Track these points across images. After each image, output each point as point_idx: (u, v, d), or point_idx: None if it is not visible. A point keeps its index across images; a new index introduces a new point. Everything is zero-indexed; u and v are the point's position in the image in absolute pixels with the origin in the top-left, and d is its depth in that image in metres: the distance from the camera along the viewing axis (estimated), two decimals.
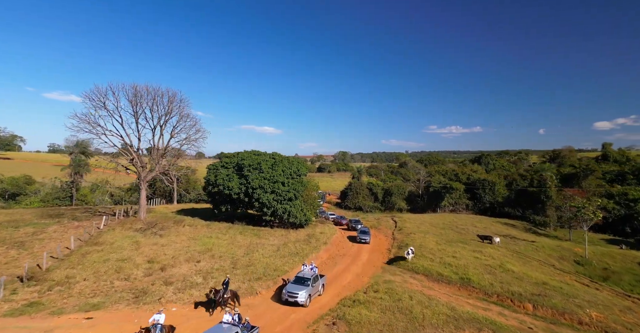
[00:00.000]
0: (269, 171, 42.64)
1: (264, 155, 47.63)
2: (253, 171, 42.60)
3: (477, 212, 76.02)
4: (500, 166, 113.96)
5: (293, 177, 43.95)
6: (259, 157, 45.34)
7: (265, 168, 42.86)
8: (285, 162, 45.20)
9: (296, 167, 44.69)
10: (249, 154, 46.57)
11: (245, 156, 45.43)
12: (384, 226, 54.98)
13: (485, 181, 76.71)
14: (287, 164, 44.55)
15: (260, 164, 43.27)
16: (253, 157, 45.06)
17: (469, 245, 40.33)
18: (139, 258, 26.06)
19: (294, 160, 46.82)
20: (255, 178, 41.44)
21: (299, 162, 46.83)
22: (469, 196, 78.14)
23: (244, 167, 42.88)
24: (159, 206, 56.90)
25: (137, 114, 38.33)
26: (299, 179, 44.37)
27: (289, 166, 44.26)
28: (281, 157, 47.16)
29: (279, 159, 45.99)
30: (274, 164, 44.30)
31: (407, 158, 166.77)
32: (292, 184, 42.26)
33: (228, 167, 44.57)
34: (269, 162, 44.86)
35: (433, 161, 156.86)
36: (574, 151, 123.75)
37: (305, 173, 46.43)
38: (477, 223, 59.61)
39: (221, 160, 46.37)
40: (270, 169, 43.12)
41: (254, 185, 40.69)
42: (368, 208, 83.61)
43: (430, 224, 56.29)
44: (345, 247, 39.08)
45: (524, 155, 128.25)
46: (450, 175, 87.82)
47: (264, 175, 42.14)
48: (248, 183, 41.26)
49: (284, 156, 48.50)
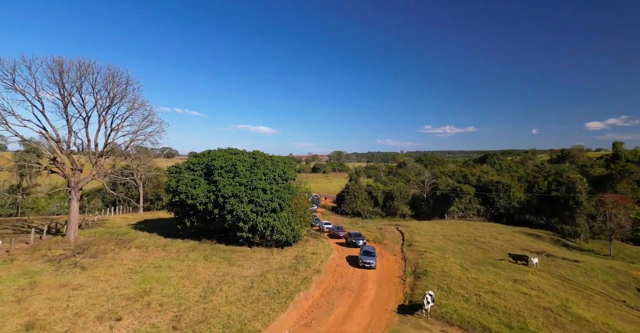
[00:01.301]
0: (246, 174, 32.93)
1: (242, 154, 37.86)
2: (226, 175, 32.86)
3: (489, 218, 67.00)
4: (507, 166, 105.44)
5: (278, 182, 34.32)
6: (234, 157, 35.57)
7: (241, 170, 33.16)
8: (268, 162, 35.48)
9: (282, 169, 35.03)
10: (223, 153, 36.77)
11: (218, 155, 35.64)
12: (389, 239, 45.57)
13: (499, 184, 67.71)
14: (271, 166, 34.85)
15: (235, 165, 33.54)
16: (227, 157, 35.29)
17: (502, 270, 31.05)
18: (13, 320, 15.99)
19: (279, 160, 37.11)
20: (227, 184, 31.73)
21: (285, 162, 37.15)
22: (480, 200, 69.12)
23: (214, 169, 33.13)
24: (117, 216, 46.71)
25: (64, 98, 28.26)
26: (286, 184, 34.73)
27: (272, 168, 34.57)
28: (263, 157, 37.44)
29: (260, 159, 36.28)
30: (254, 166, 34.59)
31: (406, 158, 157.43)
32: (276, 191, 32.63)
33: (195, 169, 34.77)
34: (247, 162, 35.15)
35: (433, 161, 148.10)
36: (584, 150, 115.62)
37: (294, 177, 36.81)
38: (497, 234, 50.49)
39: (188, 160, 36.49)
40: (248, 172, 33.41)
41: (226, 193, 30.99)
42: (367, 214, 74.24)
43: (443, 236, 47.03)
44: (344, 274, 29.53)
45: (531, 155, 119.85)
46: (458, 176, 78.76)
47: (240, 179, 32.45)
48: (218, 191, 31.55)
49: (267, 155, 38.80)
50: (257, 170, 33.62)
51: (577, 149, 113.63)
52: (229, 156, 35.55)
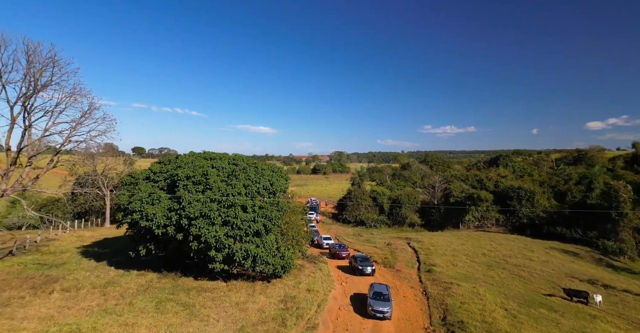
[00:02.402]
0: (221, 187, 24.87)
1: (219, 159, 29.74)
2: (193, 188, 24.80)
3: (511, 229, 58.79)
4: (521, 168, 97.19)
5: (263, 196, 26.28)
6: (207, 164, 27.47)
7: (215, 182, 25.10)
8: (252, 171, 27.37)
9: (268, 180, 26.93)
10: (193, 158, 28.64)
11: (185, 161, 27.53)
12: (402, 260, 37.45)
13: (521, 190, 59.48)
14: (254, 175, 26.73)
15: (206, 174, 25.44)
16: (197, 164, 27.19)
17: (561, 315, 22.96)
18: None
19: (266, 168, 28.97)
20: (195, 200, 23.68)
21: (273, 170, 29.03)
22: (499, 208, 60.90)
23: (178, 180, 25.04)
24: (72, 234, 38.32)
25: None
26: (274, 199, 26.66)
27: (256, 178, 26.47)
28: (246, 163, 29.34)
29: (241, 166, 28.19)
30: (232, 175, 26.52)
31: (410, 159, 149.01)
32: (260, 209, 24.62)
33: (156, 180, 26.70)
34: (223, 171, 27.08)
35: (439, 162, 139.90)
36: (602, 151, 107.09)
37: (285, 189, 28.72)
38: (528, 251, 42.30)
39: (149, 167, 28.37)
40: (224, 184, 25.34)
41: (192, 213, 22.94)
42: (372, 223, 66.22)
43: (465, 256, 38.94)
44: (349, 326, 21.38)
45: (545, 156, 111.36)
46: (472, 181, 70.55)
47: (213, 194, 24.41)
48: (182, 209, 23.52)
49: (251, 161, 30.68)
50: (235, 181, 25.52)
51: (595, 149, 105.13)
52: (200, 162, 27.43)
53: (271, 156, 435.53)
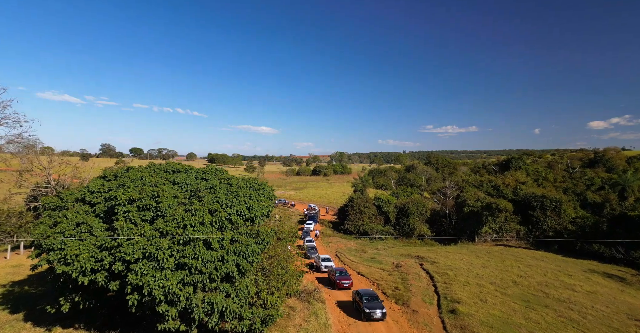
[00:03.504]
0: (177, 215, 17.87)
1: (183, 173, 22.74)
2: (138, 216, 17.79)
3: (534, 243, 51.58)
4: (534, 171, 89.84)
5: (237, 226, 19.28)
6: (161, 181, 20.40)
7: (168, 207, 18.10)
8: (222, 190, 20.29)
9: (245, 202, 19.87)
10: (147, 173, 21.60)
11: (134, 177, 20.44)
12: (416, 292, 30.37)
13: (545, 198, 52.26)
14: (225, 197, 19.67)
15: (157, 197, 18.41)
16: (149, 181, 20.11)
17: None
18: None
19: (244, 185, 21.90)
20: (138, 233, 16.69)
21: (253, 187, 22.00)
22: (520, 219, 53.74)
23: (118, 206, 17.98)
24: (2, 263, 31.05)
25: None
26: (251, 228, 19.62)
27: (228, 200, 19.42)
28: (217, 179, 22.30)
29: (211, 183, 21.13)
30: (194, 197, 19.50)
31: (415, 161, 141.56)
32: (232, 244, 17.68)
33: (93, 203, 19.63)
34: (182, 192, 20.06)
35: (443, 164, 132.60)
36: (621, 152, 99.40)
37: (268, 212, 21.58)
38: (566, 277, 35.10)
39: (88, 186, 21.15)
40: (181, 210, 18.33)
41: (130, 254, 15.95)
42: (376, 234, 59.12)
43: (493, 284, 31.83)
44: None
45: (559, 158, 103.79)
46: (487, 187, 63.34)
47: (165, 224, 17.42)
48: (118, 248, 16.51)
49: (226, 176, 23.65)
50: (198, 205, 18.47)
51: (613, 150, 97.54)
52: (154, 178, 20.35)
53: (271, 156, 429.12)
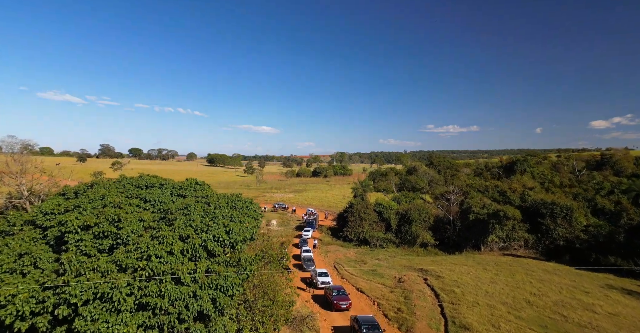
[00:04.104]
0: (141, 242, 14.99)
1: (157, 188, 19.85)
2: (91, 244, 14.91)
3: (543, 252, 48.62)
4: (540, 174, 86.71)
5: (215, 253, 16.40)
6: (127, 201, 17.50)
7: (132, 233, 15.23)
8: (198, 211, 17.37)
9: (224, 224, 16.97)
10: (115, 188, 18.71)
11: (91, 198, 17.51)
12: (421, 314, 27.47)
13: (555, 205, 49.25)
14: (200, 219, 16.78)
15: (118, 222, 15.52)
16: (111, 200, 17.19)
17: None
18: None
19: (224, 203, 18.94)
20: (89, 268, 13.81)
21: (236, 205, 19.09)
22: (528, 227, 50.72)
23: (68, 233, 15.09)
24: None
25: None
26: (231, 256, 16.75)
27: (203, 224, 16.51)
28: (195, 196, 19.41)
29: (186, 201, 18.21)
30: (162, 220, 16.62)
31: (416, 163, 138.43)
32: (208, 275, 14.82)
33: (47, 227, 16.74)
34: (152, 213, 17.18)
35: (445, 165, 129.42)
36: (629, 154, 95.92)
37: (253, 235, 18.67)
38: (582, 294, 32.12)
39: (41, 207, 18.14)
40: (147, 236, 15.46)
41: (76, 296, 13.07)
42: (377, 242, 56.13)
43: (504, 304, 28.91)
44: None
45: (564, 160, 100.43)
46: (492, 192, 60.33)
47: (122, 255, 14.54)
48: (63, 288, 13.62)
49: (206, 190, 20.77)
50: (167, 231, 15.59)
51: (622, 152, 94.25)
52: (116, 198, 17.44)
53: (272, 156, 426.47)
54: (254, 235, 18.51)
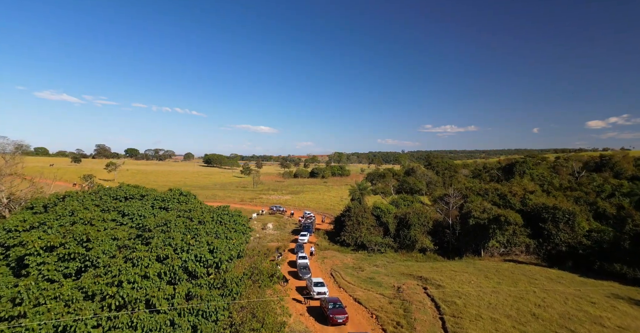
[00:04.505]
0: (113, 265, 13.37)
1: (137, 199, 18.23)
2: (55, 268, 13.26)
3: (544, 258, 47.34)
4: (540, 176, 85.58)
5: (196, 275, 14.79)
6: (99, 217, 15.85)
7: (100, 255, 13.59)
8: (178, 228, 15.76)
9: (208, 242, 15.37)
10: (89, 203, 17.05)
11: (60, 214, 15.85)
12: (421, 330, 25.97)
13: (557, 210, 47.97)
14: (182, 237, 15.18)
15: (87, 241, 13.89)
16: (81, 216, 15.55)
17: None
18: None
19: (209, 218, 17.33)
20: (47, 297, 12.16)
21: (222, 220, 17.49)
22: (530, 232, 49.39)
23: (29, 256, 13.45)
24: None
25: None
26: (215, 278, 15.16)
27: (184, 243, 14.91)
28: (178, 209, 17.80)
29: (168, 216, 16.60)
30: (139, 238, 14.98)
31: (415, 164, 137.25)
32: (189, 299, 13.22)
33: (9, 246, 15.07)
34: (129, 229, 15.56)
35: (444, 166, 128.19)
36: (628, 155, 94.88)
37: (240, 252, 17.07)
38: (587, 304, 30.83)
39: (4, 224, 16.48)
40: (120, 257, 13.82)
41: (33, 331, 11.44)
42: (375, 246, 54.77)
43: (509, 318, 27.50)
44: None
45: (563, 161, 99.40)
46: (492, 196, 59.04)
47: (90, 281, 12.89)
48: (21, 318, 11.99)
49: (191, 202, 19.15)
50: (141, 252, 13.99)
51: (621, 154, 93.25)
52: (87, 214, 15.78)
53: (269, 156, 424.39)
54: (241, 252, 16.92)
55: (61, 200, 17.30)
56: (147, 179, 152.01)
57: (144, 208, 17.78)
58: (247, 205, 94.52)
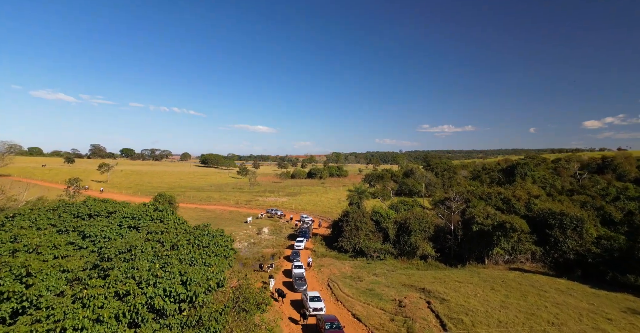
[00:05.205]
0: (56, 306, 10.74)
1: (102, 218, 15.59)
2: None
3: (551, 266, 45.18)
4: (541, 178, 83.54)
5: (165, 313, 12.17)
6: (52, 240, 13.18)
7: (44, 292, 10.95)
8: (145, 255, 13.15)
9: (180, 274, 12.77)
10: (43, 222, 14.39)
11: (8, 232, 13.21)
12: None
13: (564, 216, 45.79)
14: (149, 267, 12.57)
15: (26, 277, 11.25)
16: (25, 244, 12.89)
17: None
18: None
19: (184, 241, 14.71)
20: None
21: (199, 241, 14.87)
22: (535, 239, 47.18)
23: None
24: None
25: None
26: (189, 315, 12.53)
27: (150, 275, 12.31)
28: (148, 228, 15.19)
29: (133, 242, 13.97)
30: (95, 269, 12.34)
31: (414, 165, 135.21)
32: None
33: None
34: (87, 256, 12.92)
35: (443, 167, 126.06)
36: (630, 157, 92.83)
37: (221, 280, 14.48)
38: (602, 320, 28.62)
39: None
40: (68, 296, 11.18)
41: None
42: (374, 253, 52.38)
43: None
44: None
45: (565, 163, 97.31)
46: (496, 200, 56.80)
47: (25, 328, 10.24)
48: None
49: (167, 219, 16.55)
50: (94, 289, 11.38)
51: (622, 155, 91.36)
52: (33, 240, 13.14)
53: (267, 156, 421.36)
54: (222, 280, 14.34)
55: (10, 219, 14.66)
56: (141, 180, 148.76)
57: (109, 228, 15.17)
58: (243, 207, 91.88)
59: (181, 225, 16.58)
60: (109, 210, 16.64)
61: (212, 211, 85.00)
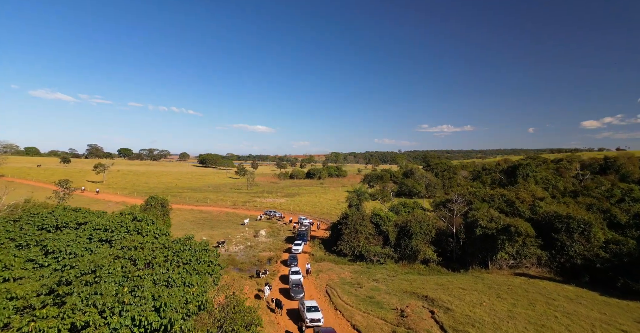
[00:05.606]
0: None
1: (70, 230, 13.65)
2: None
3: (558, 271, 43.49)
4: (543, 179, 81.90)
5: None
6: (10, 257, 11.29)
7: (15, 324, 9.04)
8: (112, 277, 11.26)
9: (154, 298, 10.89)
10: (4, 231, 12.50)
11: None
12: None
13: (571, 219, 44.08)
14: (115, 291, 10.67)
15: None
16: None
17: None
18: None
19: (159, 258, 12.81)
20: None
21: (179, 257, 12.96)
22: (541, 243, 45.46)
23: None
24: None
25: None
26: None
27: (115, 302, 10.43)
28: (122, 241, 13.27)
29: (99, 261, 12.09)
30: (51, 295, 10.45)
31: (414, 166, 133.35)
32: None
33: None
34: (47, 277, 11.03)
35: (442, 168, 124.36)
36: (633, 157, 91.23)
37: (203, 302, 12.58)
38: (615, 330, 26.87)
39: None
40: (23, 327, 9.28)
41: None
42: (374, 257, 50.57)
43: None
44: None
45: (567, 164, 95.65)
46: (499, 202, 55.06)
47: None
48: None
49: (145, 231, 14.64)
50: (46, 321, 9.48)
51: (625, 156, 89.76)
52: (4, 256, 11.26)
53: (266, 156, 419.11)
54: (204, 303, 12.47)
55: None
56: (138, 180, 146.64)
57: (76, 243, 13.31)
58: (240, 209, 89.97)
59: (161, 237, 14.73)
60: (79, 221, 14.79)
61: (208, 213, 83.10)
